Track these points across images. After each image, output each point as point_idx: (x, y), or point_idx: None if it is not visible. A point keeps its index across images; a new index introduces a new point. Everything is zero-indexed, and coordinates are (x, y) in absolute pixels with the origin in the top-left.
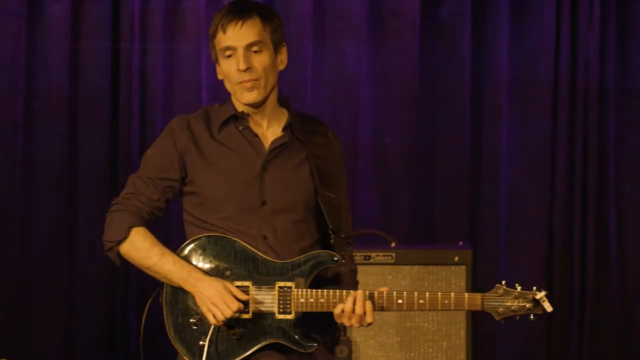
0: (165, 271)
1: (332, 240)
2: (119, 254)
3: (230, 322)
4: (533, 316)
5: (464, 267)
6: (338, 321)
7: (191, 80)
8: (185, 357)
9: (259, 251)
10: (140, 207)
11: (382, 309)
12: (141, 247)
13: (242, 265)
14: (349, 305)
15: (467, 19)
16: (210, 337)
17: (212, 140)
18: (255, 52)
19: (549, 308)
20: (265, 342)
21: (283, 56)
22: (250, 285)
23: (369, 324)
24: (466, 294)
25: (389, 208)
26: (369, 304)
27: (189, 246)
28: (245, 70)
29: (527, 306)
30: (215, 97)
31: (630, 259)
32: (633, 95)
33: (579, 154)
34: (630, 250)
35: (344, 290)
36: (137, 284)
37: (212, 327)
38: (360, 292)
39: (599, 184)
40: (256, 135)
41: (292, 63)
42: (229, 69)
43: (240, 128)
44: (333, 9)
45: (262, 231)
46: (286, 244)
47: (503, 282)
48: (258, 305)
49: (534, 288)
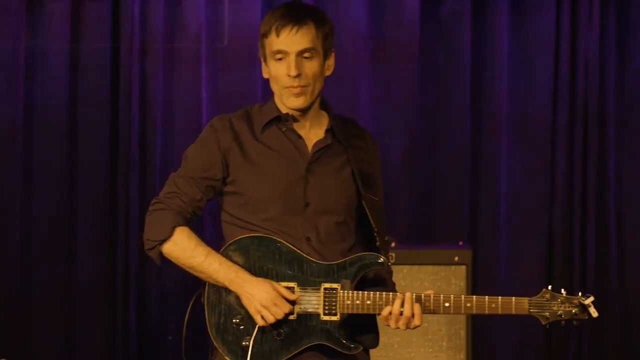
0: (211, 271)
1: (378, 242)
2: (160, 254)
3: (275, 323)
4: (576, 322)
5: (464, 267)
6: (384, 323)
7: (191, 81)
8: (226, 357)
9: (303, 252)
10: (182, 206)
11: (429, 312)
12: (186, 247)
13: (287, 266)
14: (396, 307)
15: (467, 19)
16: (255, 337)
17: (256, 141)
18: (306, 58)
19: (594, 313)
20: (309, 344)
21: (331, 62)
22: (295, 286)
23: (416, 327)
24: (514, 298)
25: (389, 208)
26: (417, 306)
27: (233, 246)
28: (295, 77)
29: (574, 311)
30: (216, 97)
31: (630, 259)
32: (633, 95)
33: (579, 154)
34: (630, 250)
35: (390, 293)
36: (137, 284)
37: (256, 327)
38: (408, 294)
39: (599, 184)
40: (300, 137)
41: None
42: (278, 72)
43: (284, 129)
44: (332, 8)
45: (305, 233)
46: (328, 245)
47: (549, 287)
48: (303, 307)
49: (580, 293)
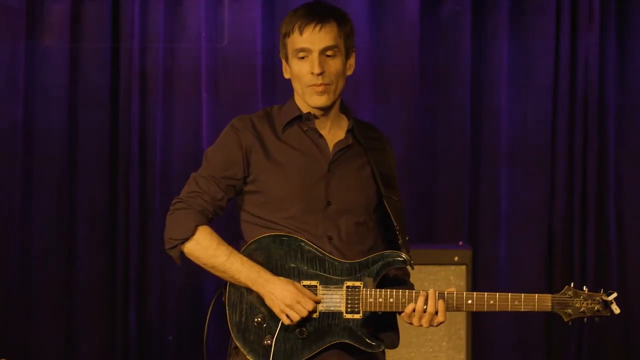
0: (234, 271)
1: (400, 241)
2: (182, 253)
3: (298, 322)
4: (598, 318)
5: (464, 267)
6: (407, 321)
7: (191, 80)
8: (248, 357)
9: (325, 251)
10: (204, 205)
11: (452, 309)
12: (208, 246)
13: (309, 265)
14: (420, 304)
15: (467, 19)
16: (277, 336)
17: (278, 140)
18: (329, 56)
19: (616, 310)
20: (331, 342)
21: (352, 61)
22: (317, 284)
23: (439, 324)
24: (536, 295)
25: None
26: (441, 303)
27: (254, 245)
28: (319, 74)
29: (596, 308)
30: (216, 97)
31: (630, 259)
32: (633, 95)
33: (579, 155)
34: (630, 250)
35: (413, 290)
36: (137, 284)
37: (278, 326)
38: (432, 290)
39: (599, 184)
40: (321, 136)
41: None
42: (301, 71)
43: (305, 129)
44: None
45: (327, 231)
46: (350, 245)
47: (572, 284)
48: (325, 305)
49: (602, 290)
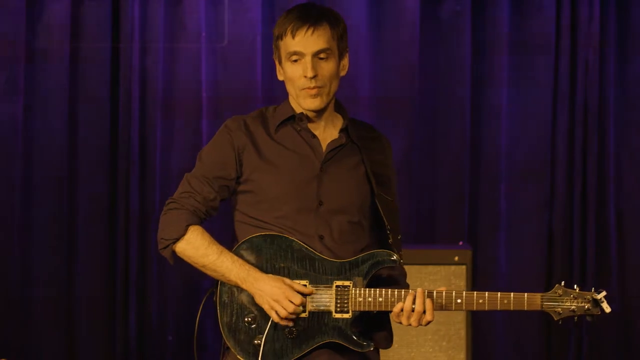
0: (224, 269)
1: (391, 240)
2: (174, 253)
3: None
4: (590, 317)
5: (464, 267)
6: (396, 320)
7: (191, 80)
8: (238, 356)
9: (315, 250)
10: (196, 206)
11: (441, 308)
12: (199, 245)
13: (298, 264)
14: (408, 304)
15: (467, 19)
16: (266, 335)
17: (270, 139)
18: (322, 59)
19: (607, 309)
20: (321, 342)
21: (345, 62)
22: (307, 284)
23: (428, 323)
24: (525, 294)
25: None
26: (429, 302)
27: (245, 245)
28: (312, 78)
29: (586, 307)
30: (216, 97)
31: (630, 259)
32: (633, 95)
33: (579, 154)
34: (630, 250)
35: (402, 290)
36: (137, 284)
37: (268, 325)
38: (420, 290)
39: (599, 184)
40: (314, 136)
41: None
42: (294, 74)
43: (298, 129)
44: (332, 9)
45: (319, 231)
46: (342, 244)
47: (562, 283)
48: (315, 304)
49: (593, 289)
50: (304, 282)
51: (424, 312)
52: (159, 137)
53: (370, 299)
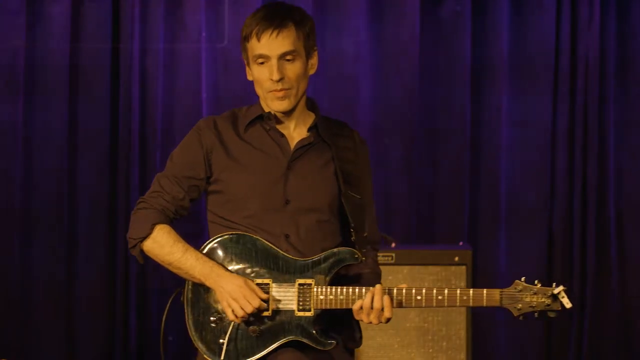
0: (188, 267)
1: (353, 237)
2: (142, 252)
3: (250, 320)
4: (552, 313)
5: (464, 267)
6: (357, 318)
7: (191, 80)
8: (205, 356)
9: (281, 249)
10: (165, 205)
11: (400, 305)
12: (164, 244)
13: (262, 263)
14: (367, 301)
15: (467, 19)
16: (230, 334)
17: (239, 139)
18: (288, 60)
19: (567, 304)
20: (284, 340)
21: (314, 60)
22: (270, 282)
23: (388, 320)
24: (485, 290)
25: (389, 208)
26: (387, 299)
27: (211, 244)
28: (278, 81)
29: (546, 302)
30: (216, 97)
31: (630, 259)
32: (632, 95)
33: (579, 154)
34: (630, 250)
35: (363, 287)
36: (137, 284)
37: (231, 325)
38: (378, 286)
39: (599, 184)
40: (283, 135)
41: None
42: (261, 76)
43: (267, 128)
44: (332, 9)
45: (284, 230)
46: (309, 243)
47: (522, 278)
48: (278, 303)
49: (554, 284)
50: (267, 281)
51: (382, 309)
52: (159, 137)
53: (331, 296)
